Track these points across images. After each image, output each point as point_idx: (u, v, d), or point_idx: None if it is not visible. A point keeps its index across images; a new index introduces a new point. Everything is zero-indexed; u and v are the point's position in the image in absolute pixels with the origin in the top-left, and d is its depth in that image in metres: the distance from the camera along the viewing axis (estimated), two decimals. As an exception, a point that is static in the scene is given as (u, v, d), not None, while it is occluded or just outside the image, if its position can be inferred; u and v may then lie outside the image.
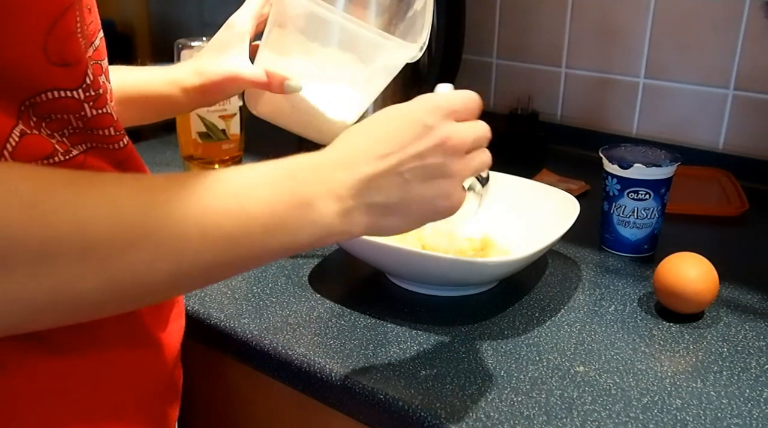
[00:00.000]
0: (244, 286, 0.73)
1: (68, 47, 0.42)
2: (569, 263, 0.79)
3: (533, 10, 1.20)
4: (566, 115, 1.21)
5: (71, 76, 0.43)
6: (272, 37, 0.68)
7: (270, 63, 0.69)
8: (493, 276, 0.72)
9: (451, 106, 0.50)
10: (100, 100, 0.46)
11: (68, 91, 0.43)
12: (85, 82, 0.44)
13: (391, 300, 0.71)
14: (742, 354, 0.63)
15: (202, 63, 0.72)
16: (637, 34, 1.10)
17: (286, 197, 0.43)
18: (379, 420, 0.58)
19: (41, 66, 0.41)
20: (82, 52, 0.44)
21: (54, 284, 0.36)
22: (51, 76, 0.42)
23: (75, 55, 0.43)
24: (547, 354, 0.62)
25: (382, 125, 0.49)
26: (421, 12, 0.68)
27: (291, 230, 0.44)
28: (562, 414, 0.54)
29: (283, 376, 0.64)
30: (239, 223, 0.41)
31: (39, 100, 0.42)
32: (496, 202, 0.83)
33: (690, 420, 0.54)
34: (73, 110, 0.44)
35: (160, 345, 0.53)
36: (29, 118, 0.42)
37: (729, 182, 1.01)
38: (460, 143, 0.49)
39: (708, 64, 1.06)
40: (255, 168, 0.44)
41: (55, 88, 0.42)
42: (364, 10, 0.73)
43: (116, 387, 0.49)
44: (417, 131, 0.48)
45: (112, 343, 0.48)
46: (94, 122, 0.46)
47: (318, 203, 0.44)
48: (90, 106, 0.45)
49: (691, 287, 0.66)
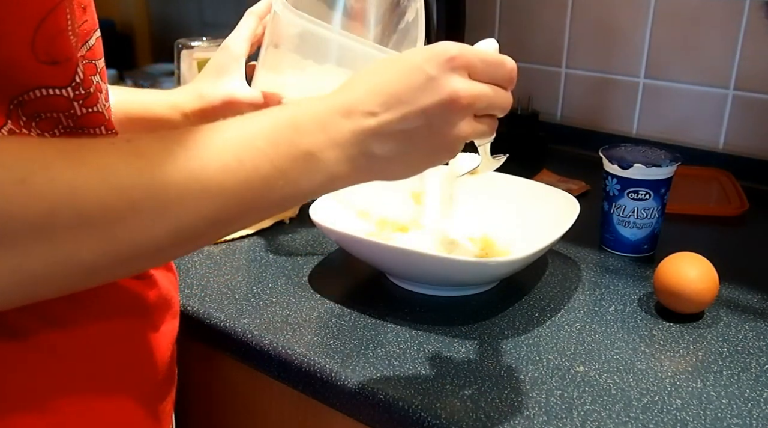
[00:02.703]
0: (244, 286, 0.73)
1: (57, 45, 0.42)
2: (569, 263, 0.79)
3: (533, 10, 1.20)
4: (566, 115, 1.21)
5: (60, 74, 0.43)
6: (268, 57, 0.69)
7: (267, 82, 0.69)
8: (493, 276, 0.72)
9: (464, 58, 0.46)
10: (91, 98, 0.46)
11: (57, 89, 0.43)
12: (75, 81, 0.44)
13: (391, 300, 0.71)
14: (742, 354, 0.63)
15: (201, 86, 0.72)
16: (637, 34, 1.10)
17: (287, 148, 0.43)
18: (379, 420, 0.58)
19: (29, 64, 0.41)
20: (73, 50, 0.44)
21: (54, 256, 0.36)
22: (39, 74, 0.42)
23: (64, 53, 0.43)
24: (547, 354, 0.62)
25: (385, 71, 0.47)
26: (414, 23, 0.68)
27: (292, 181, 0.43)
28: (562, 414, 0.54)
29: (283, 376, 0.64)
30: (239, 177, 0.41)
31: (27, 98, 0.42)
32: (496, 202, 0.83)
33: (690, 420, 0.54)
34: (62, 109, 0.44)
35: (156, 339, 0.53)
36: (18, 117, 0.42)
37: (729, 182, 1.01)
38: (469, 104, 0.46)
39: (708, 64, 1.06)
40: (254, 119, 0.43)
41: (43, 85, 0.42)
42: (359, 23, 0.73)
43: (111, 379, 0.49)
44: (419, 81, 0.46)
45: (105, 337, 0.48)
46: (84, 121, 0.46)
47: (319, 153, 0.44)
48: (80, 104, 0.45)
49: (691, 287, 0.66)
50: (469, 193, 0.83)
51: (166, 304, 0.56)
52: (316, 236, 0.84)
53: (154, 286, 0.55)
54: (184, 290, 0.72)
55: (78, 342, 0.47)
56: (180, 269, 0.76)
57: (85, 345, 0.47)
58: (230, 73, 0.71)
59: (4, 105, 0.41)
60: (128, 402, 0.51)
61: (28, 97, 0.42)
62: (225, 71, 0.71)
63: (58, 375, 0.46)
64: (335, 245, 0.74)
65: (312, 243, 0.83)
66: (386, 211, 0.83)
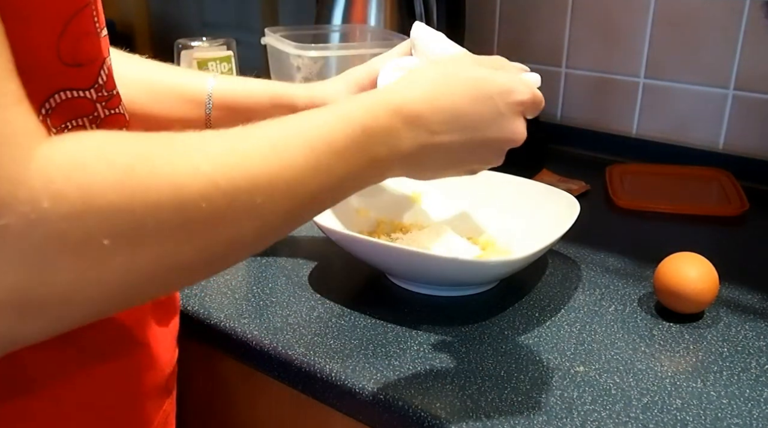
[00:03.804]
0: (244, 286, 0.73)
1: (82, 48, 0.42)
2: (569, 263, 0.79)
3: (533, 10, 1.20)
4: (566, 115, 1.21)
5: (83, 76, 0.43)
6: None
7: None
8: (493, 276, 0.72)
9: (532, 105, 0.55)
10: (113, 100, 0.46)
11: (80, 92, 0.43)
12: (98, 83, 0.44)
13: (391, 300, 0.71)
14: (742, 354, 0.63)
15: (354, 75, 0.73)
16: (637, 34, 1.10)
17: (360, 154, 0.46)
18: (379, 420, 0.58)
19: (53, 66, 0.41)
20: (97, 52, 0.44)
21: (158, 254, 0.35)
22: (63, 76, 0.42)
23: (89, 56, 0.43)
24: (547, 354, 0.62)
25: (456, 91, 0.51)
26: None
27: (359, 182, 0.48)
28: (562, 414, 0.54)
29: (283, 376, 0.64)
30: (319, 179, 0.43)
31: (53, 103, 0.41)
32: (496, 202, 0.83)
33: (690, 420, 0.54)
34: (85, 112, 0.44)
35: (164, 335, 0.54)
36: (48, 129, 0.42)
37: (729, 182, 1.01)
38: (519, 141, 0.54)
39: (708, 64, 1.06)
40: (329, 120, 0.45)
41: (67, 88, 0.42)
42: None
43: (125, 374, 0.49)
44: (489, 114, 0.51)
45: (109, 339, 0.49)
46: (106, 124, 0.46)
47: (386, 160, 0.48)
48: (102, 106, 0.45)
49: (691, 287, 0.66)
50: (470, 193, 0.83)
51: (171, 300, 0.57)
52: (316, 236, 0.84)
53: None
54: (184, 290, 0.72)
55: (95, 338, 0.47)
56: (180, 269, 0.76)
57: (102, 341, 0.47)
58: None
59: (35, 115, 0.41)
60: (141, 398, 0.51)
61: (54, 101, 0.42)
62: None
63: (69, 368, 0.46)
64: (335, 245, 0.74)
65: (312, 243, 0.83)
66: (386, 211, 0.83)
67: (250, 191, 0.38)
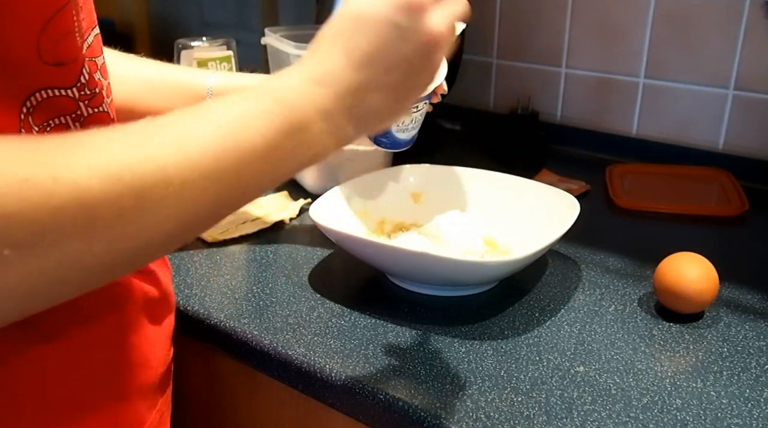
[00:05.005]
0: (244, 286, 0.73)
1: (63, 47, 0.42)
2: (569, 263, 0.79)
3: (533, 10, 1.20)
4: (566, 115, 1.21)
5: (65, 75, 0.43)
6: None
7: None
8: (493, 276, 0.72)
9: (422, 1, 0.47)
10: (96, 98, 0.46)
11: (62, 90, 0.43)
12: (80, 81, 0.44)
13: (391, 300, 0.71)
14: (742, 354, 0.63)
15: None
16: (637, 34, 1.10)
17: (280, 124, 0.42)
18: (379, 420, 0.58)
19: (34, 65, 0.40)
20: (78, 51, 0.44)
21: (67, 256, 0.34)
22: (44, 75, 0.42)
23: (70, 55, 0.43)
24: (547, 354, 0.62)
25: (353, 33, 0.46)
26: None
27: (290, 156, 0.44)
28: (562, 414, 0.54)
29: (283, 376, 0.64)
30: (237, 159, 0.41)
31: (35, 102, 0.42)
32: (496, 202, 0.83)
33: (690, 420, 0.54)
34: (68, 110, 0.44)
35: (158, 333, 0.54)
36: (30, 127, 0.42)
37: (729, 182, 1.01)
38: (442, 34, 0.47)
39: (708, 64, 1.06)
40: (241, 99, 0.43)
41: (49, 86, 0.42)
42: None
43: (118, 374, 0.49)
44: (393, 36, 0.45)
45: (100, 338, 0.49)
46: (90, 122, 0.46)
47: (310, 125, 0.44)
48: (85, 104, 0.45)
49: (691, 287, 0.66)
50: (470, 193, 0.83)
51: (165, 299, 0.57)
52: (316, 236, 0.84)
53: (158, 282, 0.55)
54: (184, 290, 0.72)
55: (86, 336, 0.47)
56: (180, 269, 0.76)
57: (93, 340, 0.47)
58: None
59: (14, 113, 0.41)
60: (134, 397, 0.51)
61: (35, 100, 0.42)
62: None
63: (61, 368, 0.46)
64: (335, 245, 0.74)
65: (312, 243, 0.83)
66: (386, 211, 0.83)
67: (159, 184, 0.37)
